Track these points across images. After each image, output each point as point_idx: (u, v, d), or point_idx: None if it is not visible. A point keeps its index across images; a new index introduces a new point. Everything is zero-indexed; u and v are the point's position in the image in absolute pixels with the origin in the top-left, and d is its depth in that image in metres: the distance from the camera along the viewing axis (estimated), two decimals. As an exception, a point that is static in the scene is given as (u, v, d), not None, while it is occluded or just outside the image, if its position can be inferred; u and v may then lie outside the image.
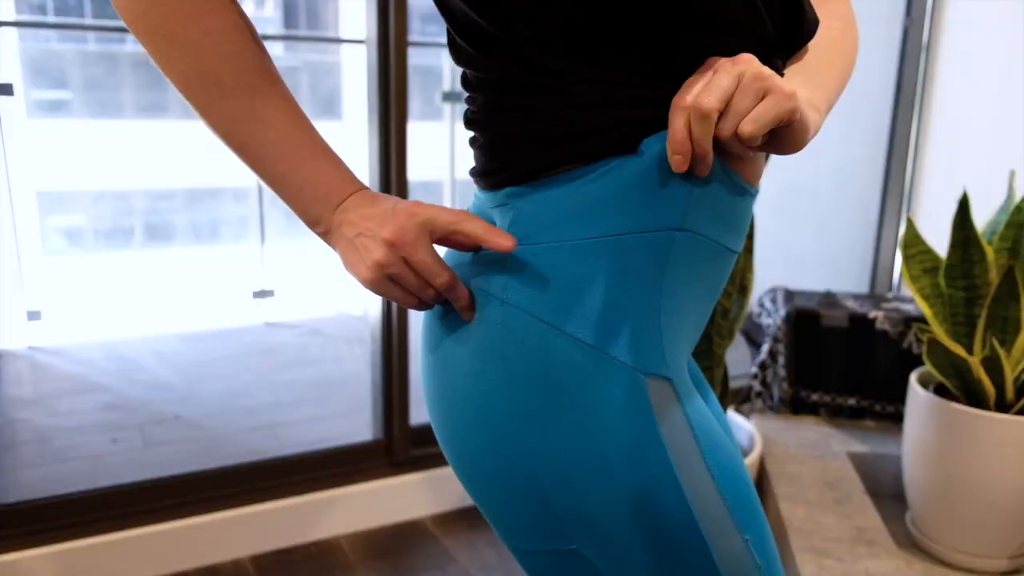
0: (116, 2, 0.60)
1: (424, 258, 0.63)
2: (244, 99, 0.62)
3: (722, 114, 0.58)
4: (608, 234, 0.61)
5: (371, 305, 1.96)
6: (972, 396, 1.41)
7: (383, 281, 0.64)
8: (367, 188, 0.66)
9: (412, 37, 1.76)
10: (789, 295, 2.05)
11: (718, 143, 0.60)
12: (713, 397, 0.83)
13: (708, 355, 1.60)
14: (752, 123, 0.57)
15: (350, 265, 0.65)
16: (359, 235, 0.63)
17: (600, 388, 0.61)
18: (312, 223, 0.66)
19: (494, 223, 0.66)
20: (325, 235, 0.66)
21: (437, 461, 1.99)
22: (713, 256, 0.65)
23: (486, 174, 0.67)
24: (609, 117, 0.61)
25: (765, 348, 2.01)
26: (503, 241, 0.62)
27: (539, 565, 0.68)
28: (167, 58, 0.60)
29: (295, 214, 0.66)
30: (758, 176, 0.70)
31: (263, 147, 0.63)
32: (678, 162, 0.59)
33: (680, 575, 0.64)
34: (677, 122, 0.58)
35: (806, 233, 2.69)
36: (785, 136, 0.61)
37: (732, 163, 0.64)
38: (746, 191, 0.67)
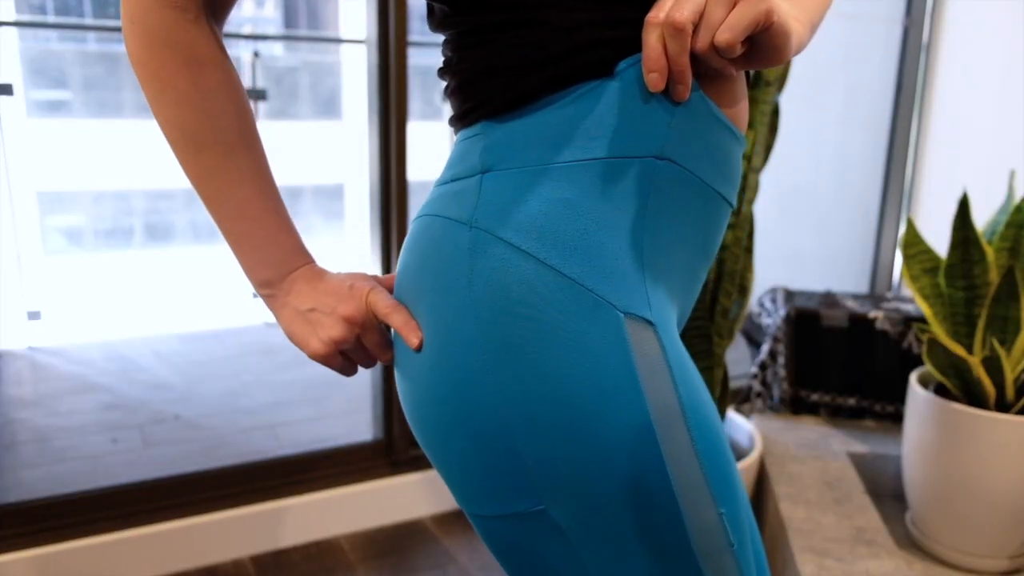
0: (126, 46, 0.63)
1: (376, 337, 0.67)
2: (218, 157, 0.65)
3: (696, 28, 0.56)
4: (584, 158, 0.59)
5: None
6: (972, 396, 1.41)
7: (334, 355, 0.68)
8: (316, 263, 0.69)
9: (412, 37, 1.76)
10: (789, 295, 2.05)
11: (697, 61, 0.58)
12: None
13: (708, 355, 1.60)
14: (728, 30, 0.54)
15: (298, 337, 0.67)
16: (312, 310, 0.66)
17: (575, 323, 0.57)
18: (260, 284, 0.68)
19: (468, 157, 0.63)
20: (270, 299, 0.68)
21: (437, 461, 1.99)
22: (702, 198, 0.63)
23: (463, 115, 0.64)
24: (583, 38, 0.59)
25: (765, 348, 2.01)
26: (412, 338, 0.62)
27: (502, 533, 0.63)
28: (157, 103, 0.64)
29: (244, 273, 0.68)
30: (743, 122, 0.67)
31: (227, 204, 0.66)
32: (654, 80, 0.57)
33: (649, 542, 0.59)
34: (651, 38, 0.56)
35: (806, 233, 2.69)
36: (765, 45, 0.58)
37: (714, 96, 0.62)
38: (734, 133, 0.64)
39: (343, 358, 0.68)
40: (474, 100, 0.63)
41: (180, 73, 0.62)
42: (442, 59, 0.67)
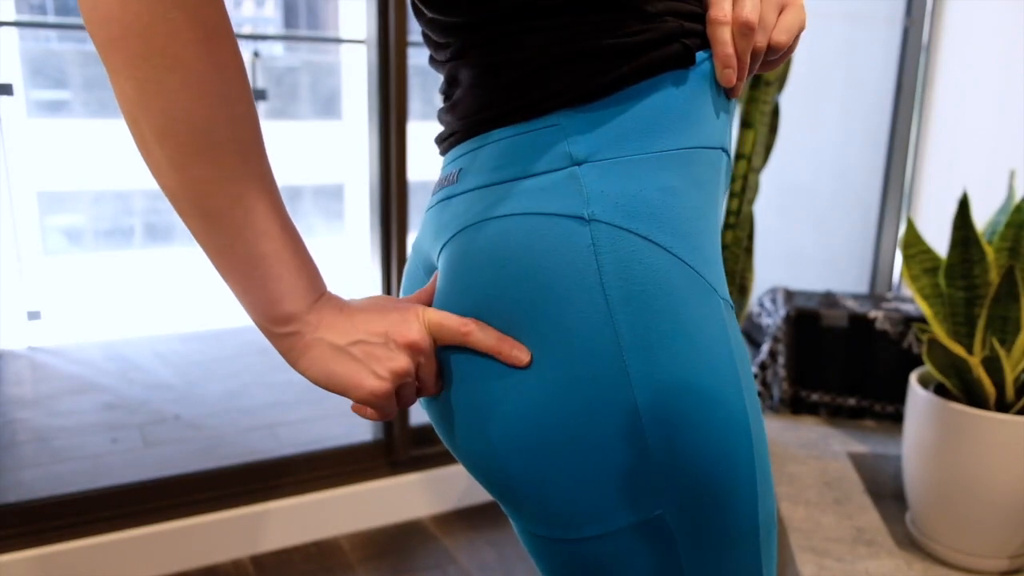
0: (108, 11, 0.46)
1: (435, 365, 0.58)
2: (233, 160, 0.51)
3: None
4: (682, 147, 0.58)
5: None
6: (972, 396, 1.41)
7: (391, 393, 0.57)
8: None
9: (412, 37, 1.76)
10: (789, 295, 2.05)
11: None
12: None
13: (708, 355, 1.60)
14: (785, 33, 0.60)
15: (343, 377, 0.56)
16: (360, 342, 0.56)
17: (699, 311, 0.55)
18: (280, 322, 0.55)
19: (544, 149, 0.57)
20: (292, 337, 0.56)
21: (437, 461, 1.99)
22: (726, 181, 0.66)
23: (524, 107, 0.57)
24: (671, 27, 0.58)
25: (765, 348, 2.01)
26: (519, 354, 0.55)
27: (590, 555, 0.57)
28: (159, 89, 0.48)
29: (253, 312, 0.56)
30: None
31: (249, 216, 0.52)
32: (729, 75, 0.60)
33: (735, 533, 0.57)
34: (724, 35, 0.59)
35: (806, 233, 2.69)
36: (789, 48, 0.63)
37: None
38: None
39: (394, 397, 0.58)
40: (544, 89, 0.57)
41: (197, 45, 0.48)
42: (452, 49, 0.61)
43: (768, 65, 0.64)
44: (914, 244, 1.50)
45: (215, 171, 0.50)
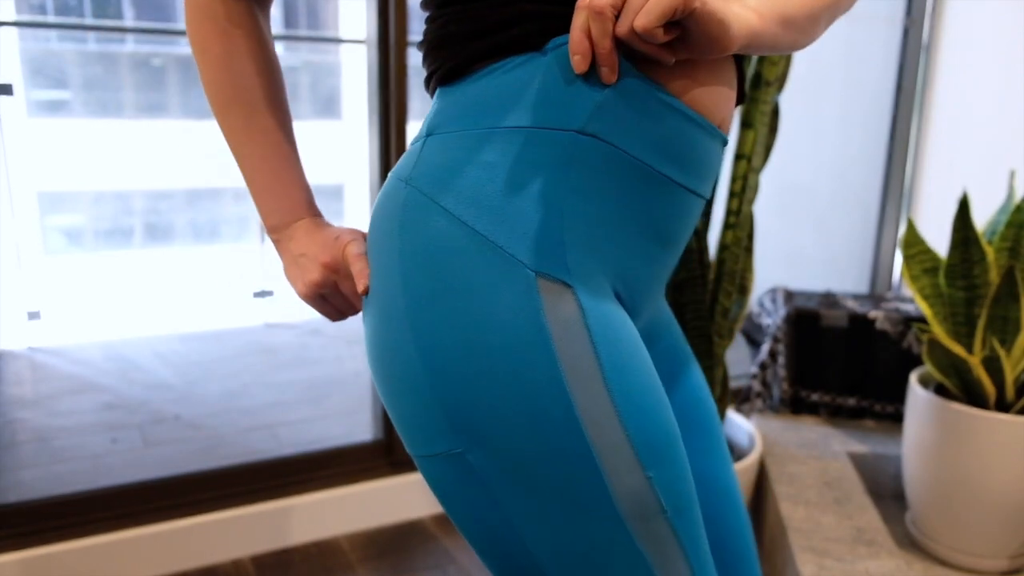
0: (185, 22, 0.74)
1: (351, 286, 0.73)
2: (242, 115, 0.74)
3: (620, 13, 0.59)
4: (509, 126, 0.63)
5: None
6: (972, 396, 1.41)
7: (315, 296, 0.75)
8: (322, 218, 0.77)
9: (412, 37, 1.76)
10: (789, 295, 2.05)
11: (625, 46, 0.61)
12: (694, 371, 0.82)
13: (708, 355, 1.60)
14: (644, 15, 0.56)
15: (290, 277, 0.76)
16: (303, 255, 0.74)
17: (487, 276, 0.61)
18: (270, 230, 0.77)
19: (424, 122, 0.70)
20: (277, 243, 0.77)
21: (437, 461, 1.99)
22: (640, 178, 0.64)
23: (426, 82, 0.72)
24: (515, 12, 0.63)
25: (765, 348, 2.01)
26: (359, 282, 0.69)
27: (435, 474, 0.66)
28: (200, 66, 0.74)
29: (263, 221, 0.78)
30: (717, 111, 0.68)
31: (249, 158, 0.76)
32: (577, 62, 0.60)
33: (571, 499, 0.61)
34: (576, 21, 0.59)
35: (806, 233, 2.69)
36: (696, 32, 0.59)
37: (668, 79, 0.64)
38: (690, 118, 0.65)
39: (324, 302, 0.76)
40: (429, 69, 0.69)
41: (216, 39, 0.73)
42: None
43: (654, 51, 0.60)
44: (914, 244, 1.50)
45: (227, 123, 0.75)
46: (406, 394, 0.64)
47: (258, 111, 0.75)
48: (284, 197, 0.76)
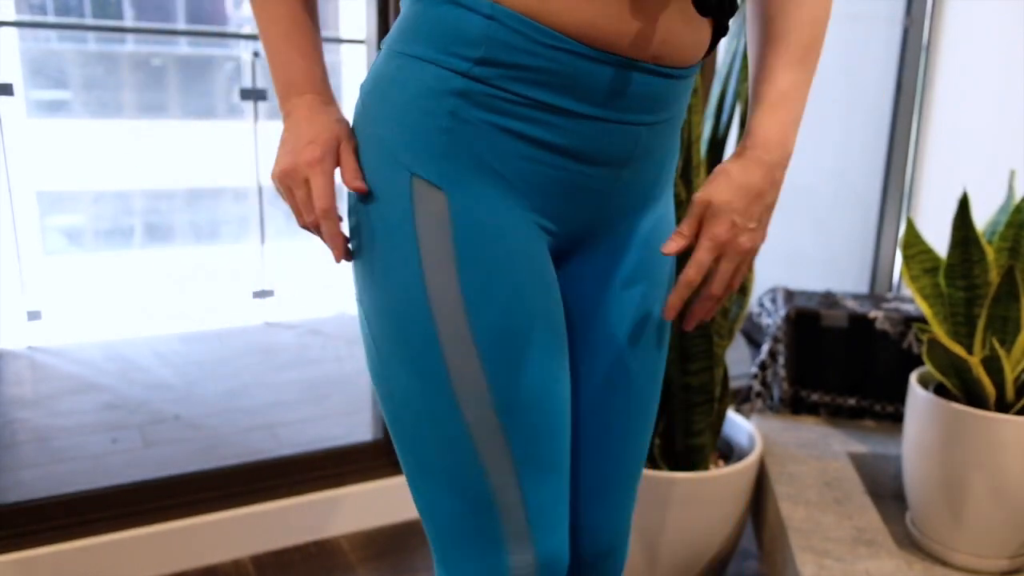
0: None
1: (320, 182, 0.75)
2: (264, 10, 0.79)
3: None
4: (414, 54, 0.72)
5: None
6: (972, 396, 1.41)
7: (286, 175, 0.77)
8: (329, 97, 0.81)
9: (412, 37, 1.76)
10: (789, 295, 2.05)
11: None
12: (655, 293, 0.86)
13: (708, 355, 1.60)
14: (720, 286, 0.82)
15: (278, 151, 0.79)
16: (290, 133, 0.77)
17: (381, 166, 0.73)
18: (281, 100, 0.81)
19: None
20: (285, 116, 0.80)
21: (437, 461, 1.99)
22: (531, 107, 0.70)
23: None
24: None
25: (765, 348, 2.01)
26: (350, 182, 0.75)
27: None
28: None
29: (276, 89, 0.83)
30: (603, 32, 0.70)
31: (268, 37, 0.80)
32: (670, 305, 0.81)
33: (416, 372, 0.70)
34: (688, 274, 0.78)
35: (806, 233, 2.69)
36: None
37: (539, 12, 0.68)
38: (573, 50, 0.69)
39: (289, 192, 0.78)
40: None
41: None
42: None
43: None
44: (914, 244, 1.50)
45: (257, 6, 0.79)
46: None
47: (275, 14, 0.79)
48: (293, 69, 0.79)
